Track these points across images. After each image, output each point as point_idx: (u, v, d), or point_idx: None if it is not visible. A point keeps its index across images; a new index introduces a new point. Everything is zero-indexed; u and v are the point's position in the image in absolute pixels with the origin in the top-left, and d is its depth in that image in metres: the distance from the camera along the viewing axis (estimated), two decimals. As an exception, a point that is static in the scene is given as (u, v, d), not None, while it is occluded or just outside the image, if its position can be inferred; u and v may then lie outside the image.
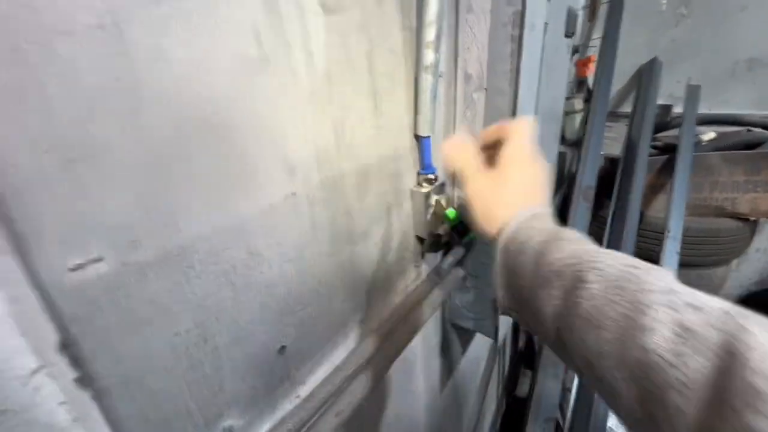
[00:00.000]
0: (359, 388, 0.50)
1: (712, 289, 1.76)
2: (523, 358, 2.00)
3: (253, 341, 0.38)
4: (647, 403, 0.27)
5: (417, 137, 0.58)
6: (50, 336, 0.25)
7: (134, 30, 0.24)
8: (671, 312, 0.27)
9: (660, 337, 0.26)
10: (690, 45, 1.95)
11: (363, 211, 0.50)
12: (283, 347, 0.42)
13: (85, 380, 0.27)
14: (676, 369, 0.25)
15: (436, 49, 0.51)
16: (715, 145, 1.67)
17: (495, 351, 1.41)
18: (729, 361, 0.24)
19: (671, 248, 1.38)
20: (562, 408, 1.18)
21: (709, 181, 1.61)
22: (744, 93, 1.88)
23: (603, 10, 1.86)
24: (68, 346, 0.26)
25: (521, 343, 1.97)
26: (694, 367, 0.25)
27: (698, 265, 1.64)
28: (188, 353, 0.32)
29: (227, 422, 0.37)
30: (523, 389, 1.90)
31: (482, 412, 1.38)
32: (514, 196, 0.40)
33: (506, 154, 0.41)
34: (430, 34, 0.50)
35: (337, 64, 0.41)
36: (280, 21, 0.33)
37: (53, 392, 0.26)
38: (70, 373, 0.27)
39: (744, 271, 2.10)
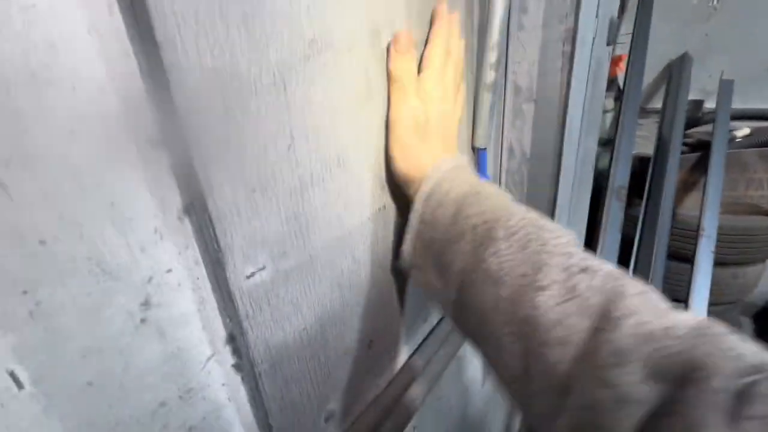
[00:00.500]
0: (426, 380, 0.56)
1: (746, 288, 1.74)
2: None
3: (352, 335, 0.44)
4: (528, 358, 0.28)
5: (474, 149, 0.63)
6: (220, 330, 0.31)
7: (292, 84, 0.30)
8: (564, 274, 0.28)
9: (549, 296, 0.27)
10: (723, 39, 1.92)
11: (432, 218, 0.55)
12: (371, 341, 0.47)
13: (239, 366, 0.34)
14: (557, 327, 0.26)
15: (497, 69, 0.56)
16: (751, 141, 1.65)
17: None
18: (604, 323, 0.25)
19: (706, 247, 1.39)
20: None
21: (744, 178, 1.60)
22: (780, 88, 1.84)
23: (632, 2, 1.85)
24: (233, 339, 0.32)
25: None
26: (574, 324, 0.26)
27: (732, 263, 1.64)
28: (311, 345, 0.38)
29: (331, 405, 0.43)
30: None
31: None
32: (436, 138, 0.38)
33: (426, 77, 0.38)
34: (492, 56, 0.54)
35: (418, 90, 0.46)
36: (382, 59, 0.39)
37: (219, 375, 0.32)
38: (230, 361, 0.33)
39: (778, 269, 2.07)
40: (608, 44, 0.82)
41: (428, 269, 0.37)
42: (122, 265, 0.25)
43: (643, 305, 0.25)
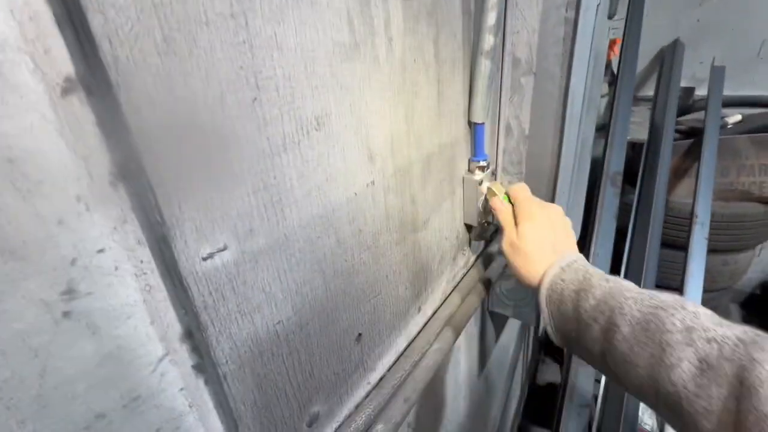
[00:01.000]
0: (421, 374, 0.51)
1: (737, 274, 1.74)
2: (543, 346, 2.01)
3: (337, 328, 0.38)
4: (684, 428, 0.31)
5: (470, 123, 0.58)
6: (175, 325, 0.26)
7: (257, 19, 0.24)
8: (690, 349, 0.31)
9: (682, 372, 0.30)
10: (714, 25, 1.90)
11: (425, 199, 0.50)
12: (359, 334, 0.42)
13: (200, 367, 0.28)
14: (700, 398, 0.29)
15: (496, 34, 0.51)
16: (742, 128, 1.63)
17: (522, 339, 1.42)
18: (741, 389, 0.27)
19: (699, 234, 1.37)
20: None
21: (736, 165, 1.59)
22: (771, 74, 1.83)
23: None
24: (190, 335, 0.27)
25: (541, 331, 1.97)
26: (715, 395, 0.28)
27: (723, 250, 1.63)
28: (288, 339, 0.32)
29: (315, 408, 0.38)
30: (543, 377, 1.92)
31: (509, 397, 1.39)
32: (536, 253, 0.47)
33: (518, 215, 0.50)
34: (491, 18, 0.49)
35: (410, 50, 0.40)
36: (369, 6, 0.33)
37: (175, 378, 0.27)
38: (189, 361, 0.27)
39: (766, 257, 2.08)
40: (609, 17, 0.77)
41: (576, 349, 0.43)
42: (30, 243, 0.19)
43: None
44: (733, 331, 0.30)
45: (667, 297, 0.36)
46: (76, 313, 0.21)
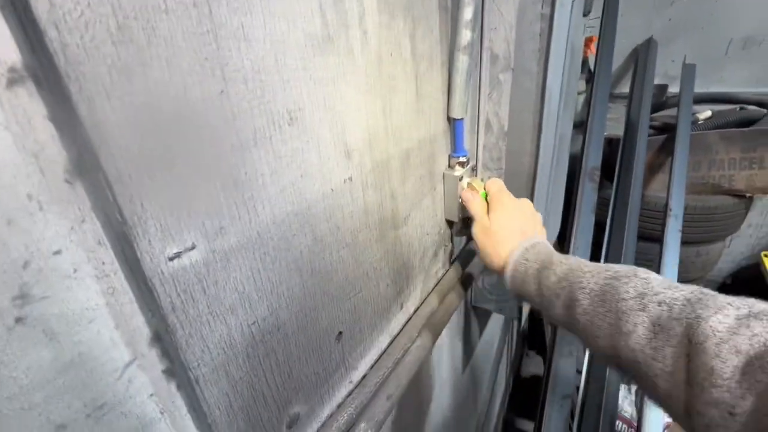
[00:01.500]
0: (404, 371, 0.51)
1: (709, 265, 1.81)
2: (527, 339, 2.05)
3: (317, 327, 0.38)
4: (648, 391, 0.32)
5: (450, 119, 0.58)
6: (142, 328, 0.25)
7: (222, 9, 0.23)
8: (643, 314, 0.32)
9: (639, 337, 0.31)
10: (685, 24, 1.96)
11: (405, 195, 0.50)
12: (340, 333, 0.42)
13: (171, 372, 0.27)
14: (656, 361, 0.30)
15: (473, 29, 0.51)
16: (712, 124, 1.69)
17: (506, 333, 1.44)
18: (690, 347, 0.28)
19: (673, 227, 1.41)
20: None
21: (707, 160, 1.65)
22: (738, 71, 1.91)
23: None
24: (159, 338, 0.26)
25: (525, 325, 2.01)
26: (669, 355, 0.29)
27: (696, 242, 1.69)
28: (264, 340, 0.32)
29: (294, 409, 0.37)
30: (527, 370, 1.95)
31: (494, 391, 1.41)
32: (504, 237, 0.50)
33: (491, 204, 0.53)
34: (467, 13, 0.49)
35: (386, 44, 0.40)
36: (341, -2, 0.32)
37: (144, 384, 0.26)
38: (159, 366, 0.26)
39: (737, 247, 2.17)
40: (585, 14, 0.78)
41: (544, 318, 0.46)
42: (-25, 244, 0.18)
43: (719, 323, 0.27)
44: (681, 292, 0.31)
45: (621, 267, 0.37)
46: (31, 319, 0.20)
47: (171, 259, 0.23)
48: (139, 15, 0.19)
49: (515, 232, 0.50)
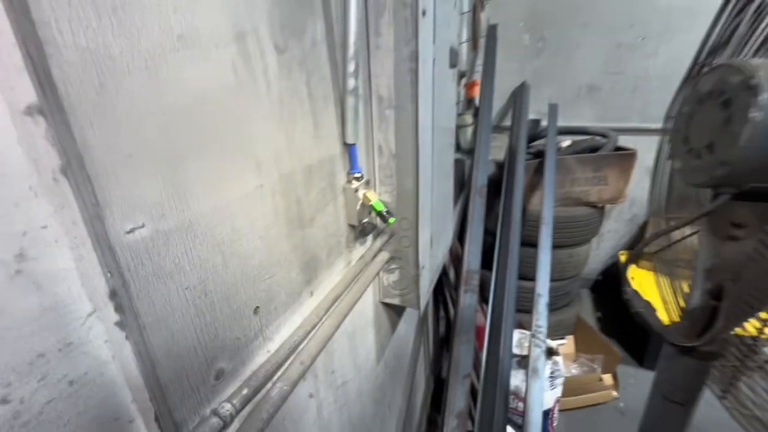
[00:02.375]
0: (315, 345, 0.63)
1: (580, 264, 2.21)
2: (445, 342, 2.25)
3: (237, 299, 0.49)
4: None
5: (345, 144, 0.74)
6: (102, 287, 0.35)
7: (164, 66, 0.36)
8: None
9: None
10: (549, 72, 2.45)
11: (310, 202, 0.64)
12: (257, 308, 0.53)
13: (122, 324, 0.37)
14: None
15: (356, 77, 0.68)
16: (571, 150, 2.13)
17: (420, 333, 1.61)
18: None
19: (546, 233, 1.74)
20: (476, 370, 1.42)
21: (569, 179, 2.06)
22: (588, 110, 2.43)
23: (482, 42, 2.25)
24: (115, 295, 0.35)
25: (442, 328, 2.21)
26: None
27: (566, 245, 2.07)
28: (195, 303, 0.42)
29: (220, 364, 0.47)
30: (447, 371, 2.14)
31: (414, 388, 1.55)
32: None
33: None
34: (351, 66, 0.67)
35: (286, 90, 0.55)
36: (249, 59, 0.46)
37: (101, 332, 0.35)
38: (113, 318, 0.36)
39: (603, 249, 2.67)
40: (451, 67, 1.03)
41: None
42: (-4, 217, 0.27)
43: None
44: None
45: None
46: (26, 273, 0.30)
47: (128, 232, 0.34)
48: (112, 74, 0.31)
49: None
